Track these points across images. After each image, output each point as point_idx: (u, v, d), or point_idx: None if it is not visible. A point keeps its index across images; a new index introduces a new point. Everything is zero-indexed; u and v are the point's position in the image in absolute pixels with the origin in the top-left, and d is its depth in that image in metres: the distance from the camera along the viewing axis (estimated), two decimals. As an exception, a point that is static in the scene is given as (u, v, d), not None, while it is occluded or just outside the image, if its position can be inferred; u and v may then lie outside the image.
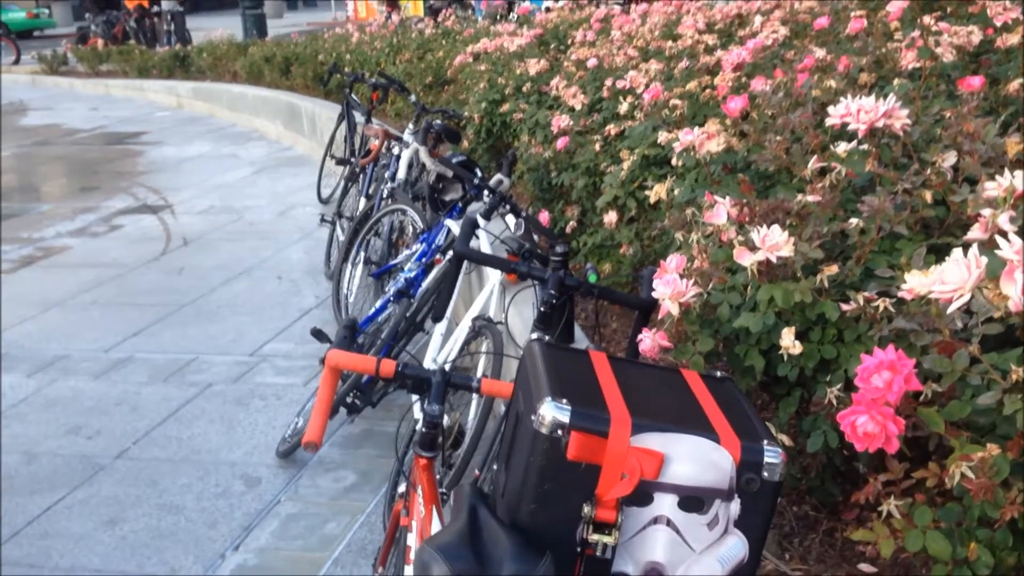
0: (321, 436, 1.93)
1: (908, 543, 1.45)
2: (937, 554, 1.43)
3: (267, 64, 12.57)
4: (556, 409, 1.43)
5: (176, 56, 15.85)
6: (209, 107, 13.75)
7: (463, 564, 1.34)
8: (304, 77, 11.35)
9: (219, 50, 14.58)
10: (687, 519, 1.45)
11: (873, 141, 2.32)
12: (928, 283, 1.53)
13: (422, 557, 1.36)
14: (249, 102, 12.33)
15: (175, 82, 15.15)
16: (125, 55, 16.97)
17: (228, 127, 12.63)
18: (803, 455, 2.13)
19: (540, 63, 5.68)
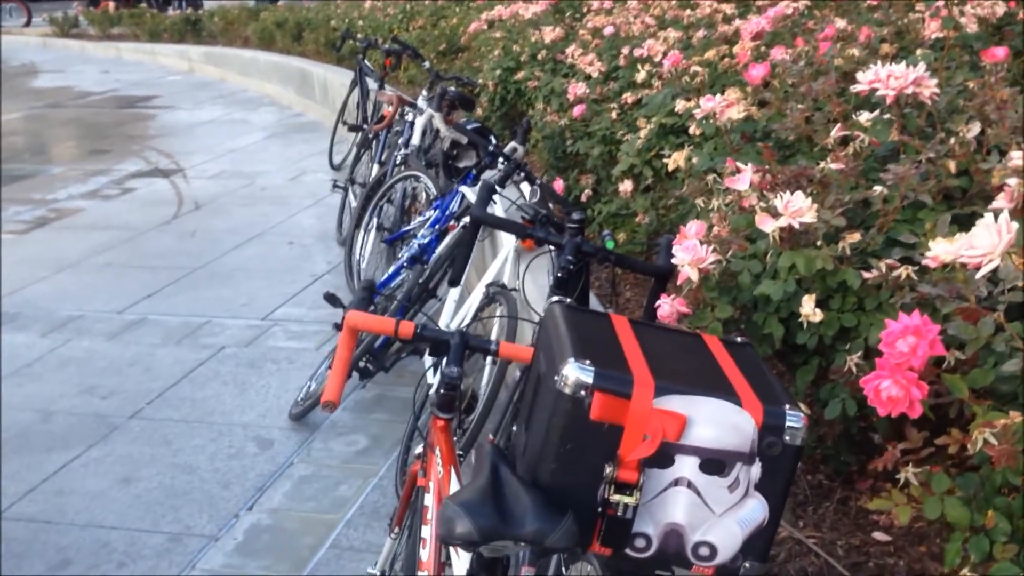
0: (339, 396, 1.94)
1: (927, 510, 1.45)
2: (956, 521, 1.43)
3: (279, 29, 12.52)
4: (579, 370, 1.43)
5: (188, 20, 15.79)
6: (220, 72, 13.71)
7: (486, 521, 1.35)
8: (316, 43, 11.30)
9: (231, 15, 14.52)
10: (708, 481, 1.45)
11: (896, 111, 2.31)
12: (953, 250, 1.53)
13: (445, 513, 1.37)
14: (260, 67, 12.29)
15: (186, 46, 15.11)
16: (136, 18, 16.92)
17: (239, 92, 12.59)
18: (820, 424, 2.13)
19: (555, 31, 5.64)
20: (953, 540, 1.43)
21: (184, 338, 4.83)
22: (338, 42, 8.41)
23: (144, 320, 5.08)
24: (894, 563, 2.04)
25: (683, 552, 1.49)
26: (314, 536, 3.21)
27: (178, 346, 4.74)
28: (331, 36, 10.80)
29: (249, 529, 3.25)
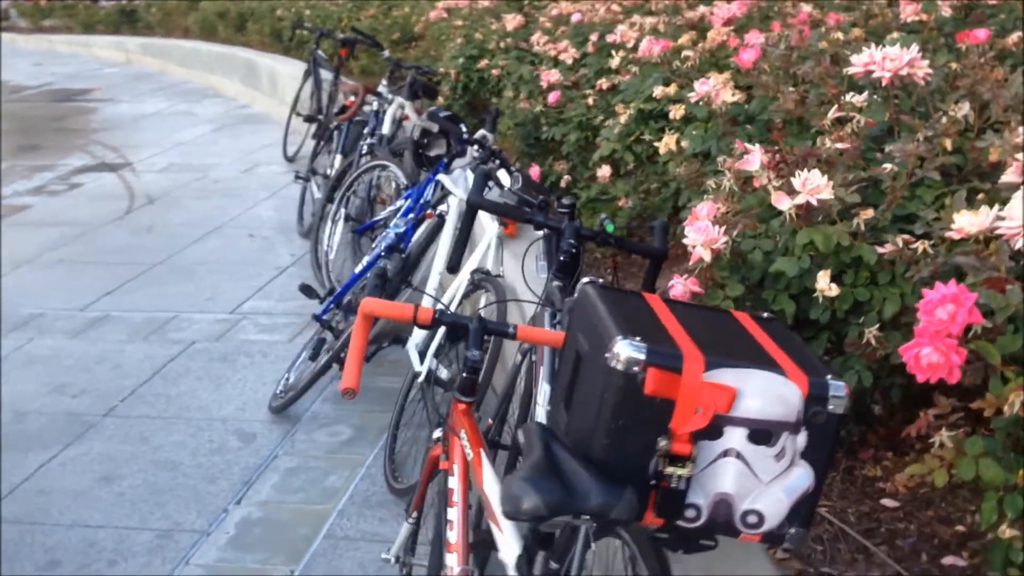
0: (357, 382, 1.94)
1: (962, 471, 1.51)
2: (991, 480, 1.49)
3: (220, 20, 12.33)
4: (631, 347, 1.46)
5: (123, 11, 15.46)
6: (160, 63, 13.46)
7: (553, 495, 1.37)
8: (261, 33, 11.15)
9: (168, 5, 14.25)
10: (755, 451, 1.49)
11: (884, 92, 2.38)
12: (979, 222, 1.59)
13: (511, 490, 1.38)
14: (203, 58, 12.09)
15: (123, 37, 14.82)
16: (69, 10, 16.54)
17: (181, 84, 12.37)
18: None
19: (516, 19, 5.66)
20: (988, 499, 1.49)
21: (151, 334, 4.75)
22: (289, 31, 8.31)
23: (107, 317, 4.99)
24: (904, 527, 2.11)
25: (732, 521, 1.53)
26: (308, 527, 3.20)
27: (146, 342, 4.67)
28: (277, 26, 10.66)
29: (240, 523, 3.23)
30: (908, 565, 2.00)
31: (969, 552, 2.02)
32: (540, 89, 4.36)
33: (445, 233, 3.88)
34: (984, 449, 1.53)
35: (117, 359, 4.48)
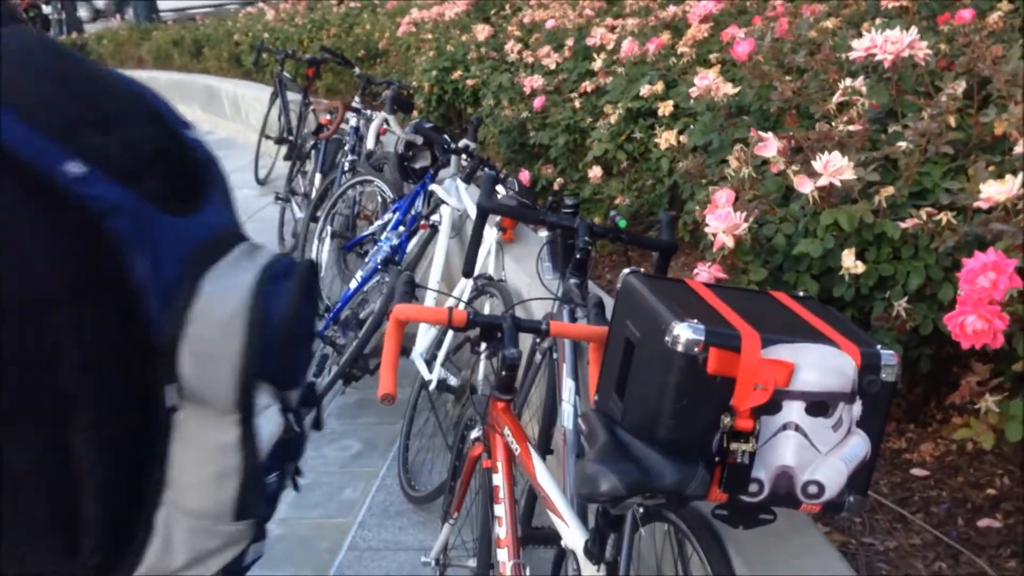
0: (395, 388, 1.98)
1: (1009, 433, 1.57)
2: (1037, 439, 1.55)
3: (176, 47, 12.26)
4: (690, 329, 1.50)
5: (73, 44, 15.30)
6: (116, 95, 13.33)
7: (630, 476, 1.41)
8: (218, 59, 11.10)
9: (120, 36, 14.15)
10: (814, 423, 1.54)
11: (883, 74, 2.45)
12: (1006, 190, 1.65)
13: (587, 472, 1.42)
14: (160, 86, 11.97)
15: (75, 72, 14.63)
16: (17, 47, 16.31)
17: (140, 115, 12.25)
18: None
19: (485, 29, 5.71)
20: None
21: (145, 362, 4.72)
22: (253, 55, 8.30)
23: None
24: (937, 495, 2.17)
25: (793, 492, 1.58)
26: (330, 540, 3.21)
27: (141, 371, 4.63)
28: (234, 51, 10.63)
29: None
30: (945, 530, 2.06)
31: (1003, 513, 2.08)
32: (522, 95, 4.40)
33: (439, 243, 3.91)
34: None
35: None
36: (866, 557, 1.99)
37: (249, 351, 0.92)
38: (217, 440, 0.94)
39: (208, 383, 0.93)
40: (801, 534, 1.84)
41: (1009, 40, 2.62)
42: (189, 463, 0.95)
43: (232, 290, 0.93)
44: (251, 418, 0.94)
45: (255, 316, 0.92)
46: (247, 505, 0.96)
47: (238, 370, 0.92)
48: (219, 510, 0.96)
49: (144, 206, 0.89)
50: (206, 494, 0.95)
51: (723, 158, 2.60)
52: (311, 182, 5.90)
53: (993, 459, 2.26)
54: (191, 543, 0.96)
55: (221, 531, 0.97)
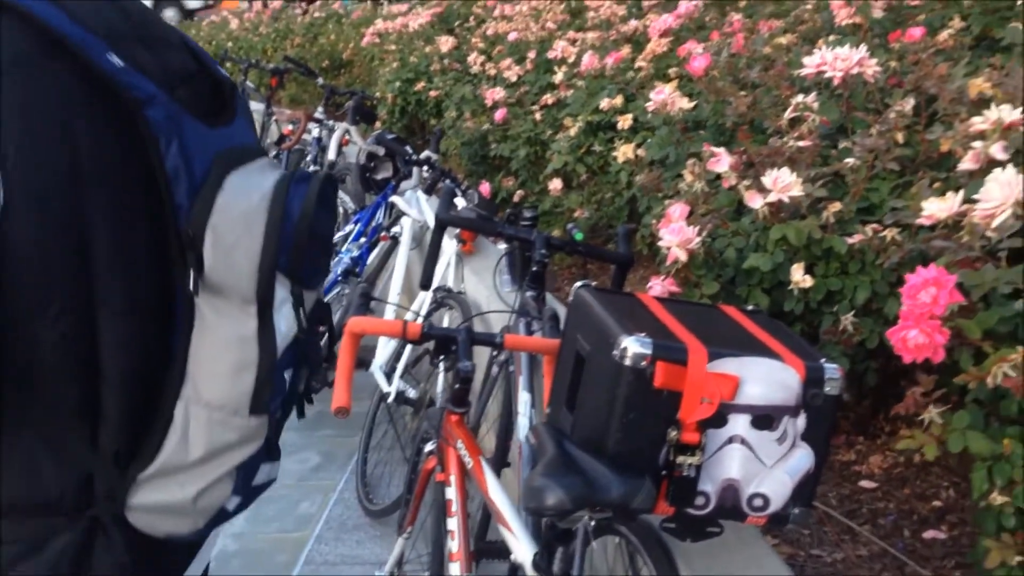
0: (349, 401, 1.97)
1: (951, 444, 1.59)
2: (979, 451, 1.57)
3: (139, 56, 12.16)
4: (637, 343, 1.52)
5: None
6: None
7: (576, 489, 1.41)
8: (182, 67, 11.02)
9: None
10: (759, 436, 1.56)
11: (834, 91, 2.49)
12: (947, 208, 1.68)
13: (534, 486, 1.43)
14: (123, 96, 11.90)
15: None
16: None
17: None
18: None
19: (449, 41, 5.73)
20: (977, 469, 1.58)
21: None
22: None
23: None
24: (884, 506, 2.20)
25: (739, 505, 1.59)
26: (287, 554, 3.18)
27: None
28: (198, 60, 10.55)
29: (217, 556, 3.19)
30: (891, 541, 2.09)
31: (948, 525, 2.12)
32: (484, 107, 4.42)
33: (400, 255, 3.91)
34: (970, 422, 1.61)
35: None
36: (814, 569, 2.01)
37: (269, 242, 0.98)
38: (237, 332, 1.00)
39: (229, 272, 0.98)
40: (749, 546, 1.85)
41: (958, 58, 2.67)
42: (209, 355, 1.00)
43: (256, 187, 1.00)
44: (269, 312, 1.00)
45: (276, 209, 0.99)
46: (262, 400, 1.01)
47: (258, 260, 0.99)
48: (236, 402, 1.01)
49: (175, 105, 0.98)
50: (224, 386, 1.00)
51: (679, 172, 2.62)
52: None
53: (939, 471, 2.29)
54: (208, 436, 1.01)
55: (237, 424, 1.01)
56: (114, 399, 0.99)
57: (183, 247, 0.98)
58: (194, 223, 0.97)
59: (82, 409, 0.98)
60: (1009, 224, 1.53)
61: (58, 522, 1.01)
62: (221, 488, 1.04)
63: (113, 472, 1.00)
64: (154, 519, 1.03)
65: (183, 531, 1.05)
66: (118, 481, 1.01)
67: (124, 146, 0.96)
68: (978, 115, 1.94)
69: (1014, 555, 1.52)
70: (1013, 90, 2.03)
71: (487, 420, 2.87)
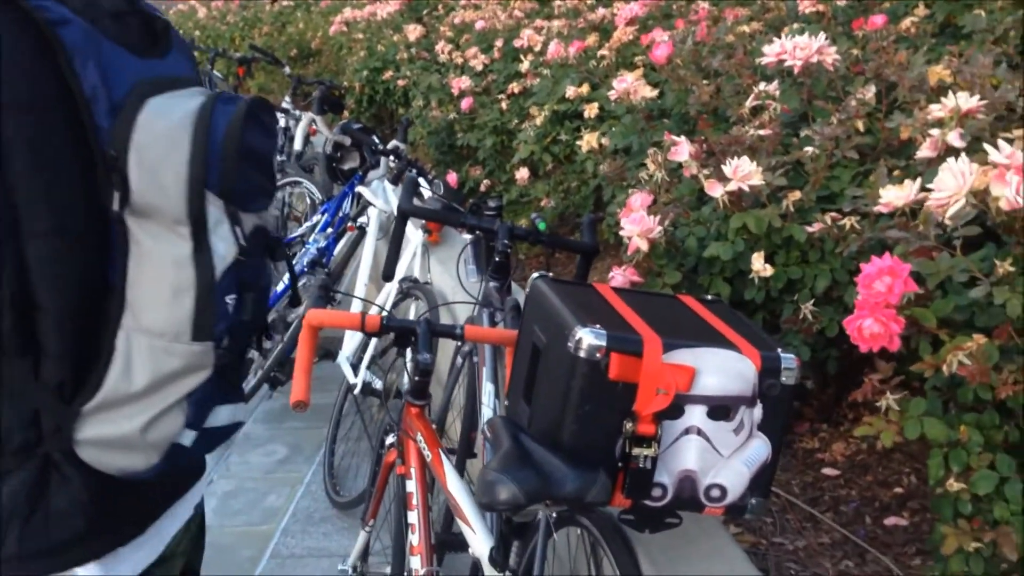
0: (308, 395, 1.95)
1: (907, 431, 1.59)
2: (935, 437, 1.57)
3: (106, 45, 12.01)
4: (592, 334, 1.50)
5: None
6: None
7: (529, 484, 1.40)
8: (150, 57, 10.89)
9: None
10: (716, 427, 1.56)
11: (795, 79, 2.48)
12: (904, 196, 1.68)
13: (487, 481, 1.41)
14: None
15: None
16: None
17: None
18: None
19: (417, 29, 5.69)
20: (934, 456, 1.58)
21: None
22: (182, 54, 8.16)
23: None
24: (846, 493, 2.21)
25: (696, 496, 1.58)
26: (253, 548, 3.16)
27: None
28: (166, 49, 10.44)
29: (182, 550, 3.16)
30: (853, 528, 2.09)
31: (909, 512, 2.12)
32: (451, 97, 4.39)
33: (367, 245, 3.88)
34: (927, 409, 1.61)
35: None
36: (776, 557, 2.01)
37: (196, 159, 0.97)
38: (171, 253, 0.99)
39: (158, 192, 0.97)
40: (709, 537, 1.85)
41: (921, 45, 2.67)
42: (146, 281, 0.99)
43: (179, 107, 0.99)
44: (203, 233, 0.99)
45: (201, 126, 0.98)
46: (205, 324, 1.00)
47: (185, 177, 0.97)
48: (177, 328, 1.00)
49: (94, 29, 0.98)
50: (163, 310, 0.99)
51: (642, 161, 2.61)
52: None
53: (902, 458, 2.30)
54: (151, 364, 1.00)
55: (180, 351, 1.00)
56: (52, 330, 0.98)
57: (108, 169, 0.97)
58: (115, 142, 0.97)
59: (21, 342, 0.97)
60: (964, 213, 1.53)
61: (8, 461, 1.00)
62: (171, 420, 1.03)
63: (58, 406, 0.99)
64: (103, 454, 1.02)
65: (137, 467, 1.03)
66: (64, 416, 1.00)
67: (40, 69, 0.95)
68: (937, 103, 1.95)
69: (970, 541, 1.53)
70: (971, 77, 2.03)
71: (454, 410, 2.85)
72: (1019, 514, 1.50)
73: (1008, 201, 1.39)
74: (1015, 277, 1.50)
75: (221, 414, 1.09)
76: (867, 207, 1.83)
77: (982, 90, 1.93)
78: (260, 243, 1.08)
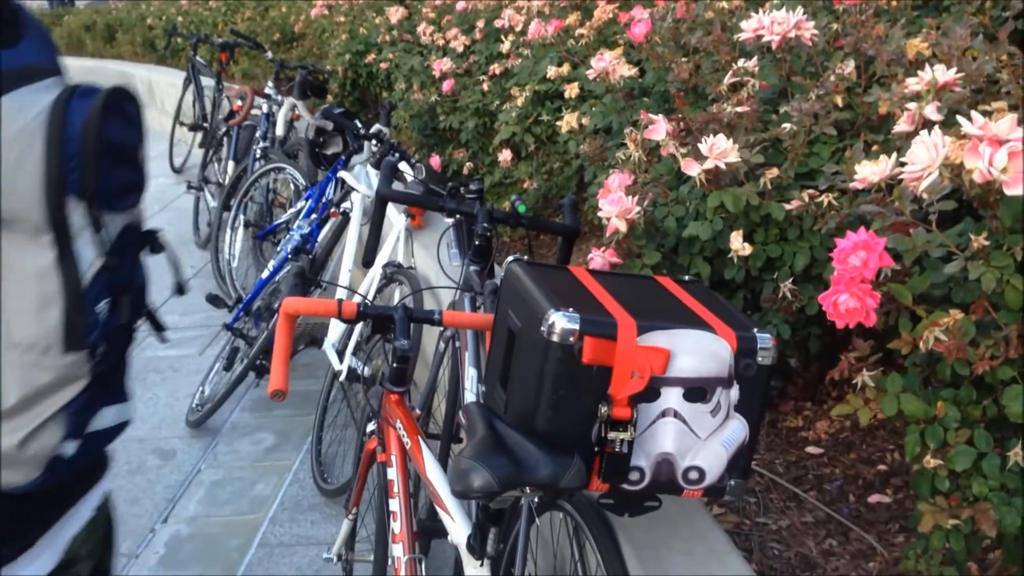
0: (286, 383, 1.93)
1: (884, 408, 1.58)
2: (912, 414, 1.56)
3: (88, 33, 11.92)
4: (565, 318, 1.49)
5: (-18, 31, 14.79)
6: (28, 83, 12.93)
7: (502, 470, 1.39)
8: (132, 43, 10.82)
9: (31, 22, 13.69)
10: (692, 409, 1.54)
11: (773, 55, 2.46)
12: (879, 171, 1.66)
13: (460, 468, 1.40)
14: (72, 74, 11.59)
15: (-15, 59, 14.17)
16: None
17: (53, 103, 11.92)
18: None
19: (399, 11, 5.63)
20: (910, 432, 1.57)
21: (53, 359, 4.59)
22: (165, 40, 8.10)
23: (4, 346, 4.80)
24: (830, 472, 2.20)
25: (674, 479, 1.58)
26: (240, 537, 3.15)
27: (48, 368, 4.50)
28: (148, 35, 10.37)
29: (169, 541, 3.16)
30: (837, 507, 2.09)
31: (892, 488, 2.12)
32: (433, 79, 4.35)
33: (351, 230, 3.85)
34: (903, 386, 1.60)
35: (19, 389, 4.32)
36: (759, 537, 2.01)
37: (51, 160, 0.91)
38: (34, 265, 0.94)
39: (15, 198, 0.91)
40: (691, 518, 1.84)
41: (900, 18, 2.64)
42: (11, 293, 0.95)
43: (32, 104, 0.93)
44: (67, 240, 0.94)
45: (54, 124, 0.92)
46: (75, 335, 0.96)
47: (42, 181, 0.92)
48: (46, 340, 0.95)
49: None
50: (30, 323, 0.95)
51: (622, 141, 2.59)
52: (224, 170, 5.78)
53: (885, 435, 2.29)
54: (22, 379, 0.96)
55: (51, 364, 0.96)
56: None
57: None
58: None
59: None
60: (938, 186, 1.51)
61: None
62: (49, 433, 0.99)
63: None
64: None
65: (18, 482, 0.99)
66: None
67: None
68: (915, 76, 1.92)
69: (947, 518, 1.52)
70: (949, 50, 2.00)
71: (439, 393, 2.84)
72: (997, 490, 1.49)
73: (981, 173, 1.37)
74: (990, 251, 1.48)
75: (106, 416, 1.05)
76: (845, 183, 1.81)
77: (959, 62, 1.91)
78: (132, 242, 1.02)
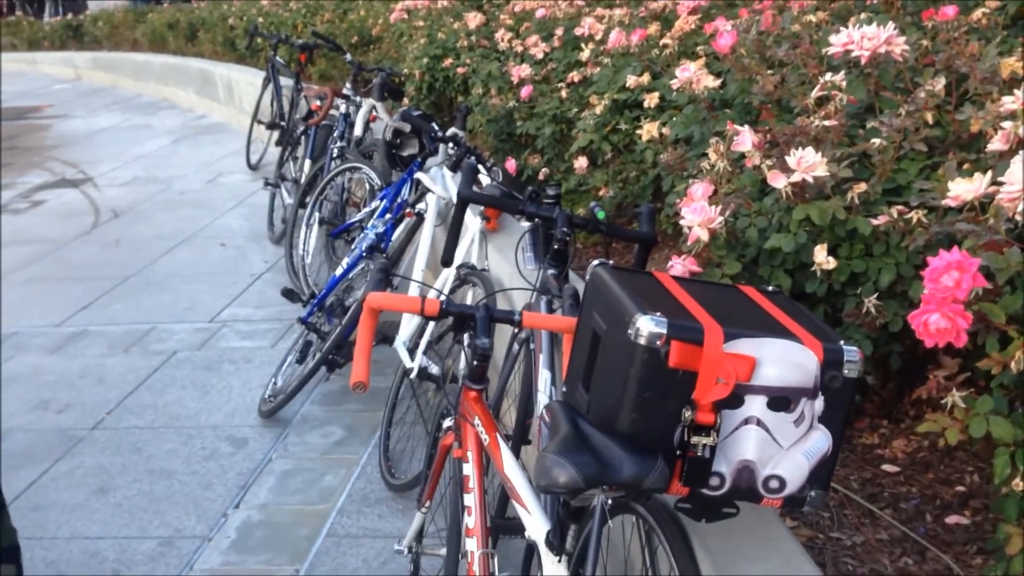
0: (368, 376, 1.97)
1: (972, 429, 1.57)
2: (1000, 437, 1.55)
3: (171, 31, 12.22)
4: (653, 322, 1.51)
5: (69, 26, 15.26)
6: (111, 77, 13.31)
7: (588, 468, 1.41)
8: (213, 42, 11.07)
9: (116, 18, 14.10)
10: (776, 418, 1.55)
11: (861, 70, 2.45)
12: (974, 189, 1.65)
13: (545, 465, 1.42)
14: (156, 71, 11.98)
15: (71, 53, 14.62)
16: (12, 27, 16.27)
17: (135, 97, 12.25)
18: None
19: (477, 17, 5.69)
20: (999, 454, 1.56)
21: (132, 346, 4.73)
22: (245, 40, 8.28)
23: (85, 332, 4.95)
24: (906, 491, 2.18)
25: (754, 487, 1.58)
26: (309, 527, 3.21)
27: (127, 355, 4.64)
28: (229, 35, 10.61)
29: (241, 526, 3.23)
30: (913, 526, 2.07)
31: (971, 510, 2.09)
32: (511, 85, 4.40)
33: (425, 231, 3.90)
34: (993, 407, 1.59)
35: (99, 373, 4.45)
36: (833, 552, 2.00)
37: None
38: None
39: None
40: (766, 527, 1.84)
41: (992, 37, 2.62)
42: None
43: None
44: None
45: None
46: None
47: None
48: None
49: None
50: None
51: (703, 151, 2.60)
52: (301, 168, 5.90)
53: (964, 456, 2.27)
54: None
55: None
56: None
57: None
58: None
59: None
60: (1035, 207, 1.50)
61: None
62: None
63: None
64: None
65: None
66: None
67: None
68: (1010, 95, 1.91)
69: (1033, 542, 1.51)
70: (1045, 70, 1.98)
71: (509, 397, 2.87)
72: (1086, 514, 1.47)
73: (1084, 195, 1.36)
74: (1087, 273, 1.47)
75: None
76: (935, 200, 1.80)
77: (1057, 82, 1.89)
78: None
